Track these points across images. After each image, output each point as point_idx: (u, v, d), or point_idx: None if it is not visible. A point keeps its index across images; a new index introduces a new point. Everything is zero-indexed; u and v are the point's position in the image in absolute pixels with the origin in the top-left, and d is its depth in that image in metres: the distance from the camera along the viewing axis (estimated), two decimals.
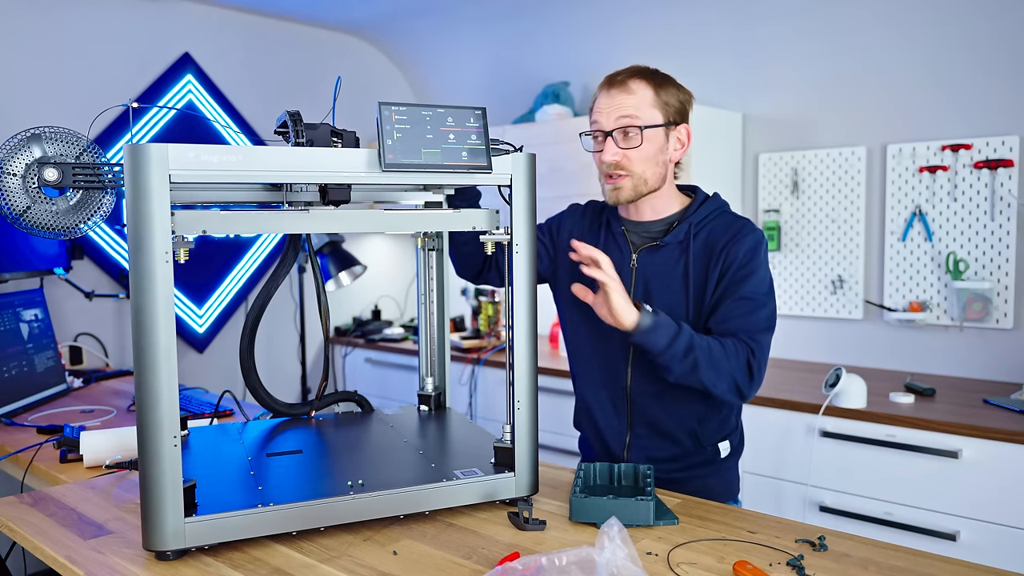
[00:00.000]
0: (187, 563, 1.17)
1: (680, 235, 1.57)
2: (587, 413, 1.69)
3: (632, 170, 1.53)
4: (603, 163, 1.54)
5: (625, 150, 1.52)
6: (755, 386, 1.49)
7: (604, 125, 1.53)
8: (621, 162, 1.52)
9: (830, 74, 2.94)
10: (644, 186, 1.55)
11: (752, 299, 1.50)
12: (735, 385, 1.47)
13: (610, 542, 0.99)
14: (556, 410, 3.00)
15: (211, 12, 3.52)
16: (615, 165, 1.53)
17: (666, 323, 1.43)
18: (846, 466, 2.37)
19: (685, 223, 1.57)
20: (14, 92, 2.95)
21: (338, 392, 1.76)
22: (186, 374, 3.42)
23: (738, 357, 1.46)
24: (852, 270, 2.95)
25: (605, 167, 1.54)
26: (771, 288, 1.54)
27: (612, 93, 1.53)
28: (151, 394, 1.13)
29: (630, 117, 1.51)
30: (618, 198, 1.56)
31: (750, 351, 1.47)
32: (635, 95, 1.52)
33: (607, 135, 1.53)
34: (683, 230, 1.57)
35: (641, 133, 1.51)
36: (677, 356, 1.43)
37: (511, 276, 1.35)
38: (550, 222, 1.77)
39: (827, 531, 1.27)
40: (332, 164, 1.22)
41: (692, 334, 1.44)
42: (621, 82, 1.53)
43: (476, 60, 3.94)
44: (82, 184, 1.28)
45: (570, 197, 3.14)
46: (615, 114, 1.52)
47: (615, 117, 1.52)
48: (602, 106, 1.54)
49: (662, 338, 1.42)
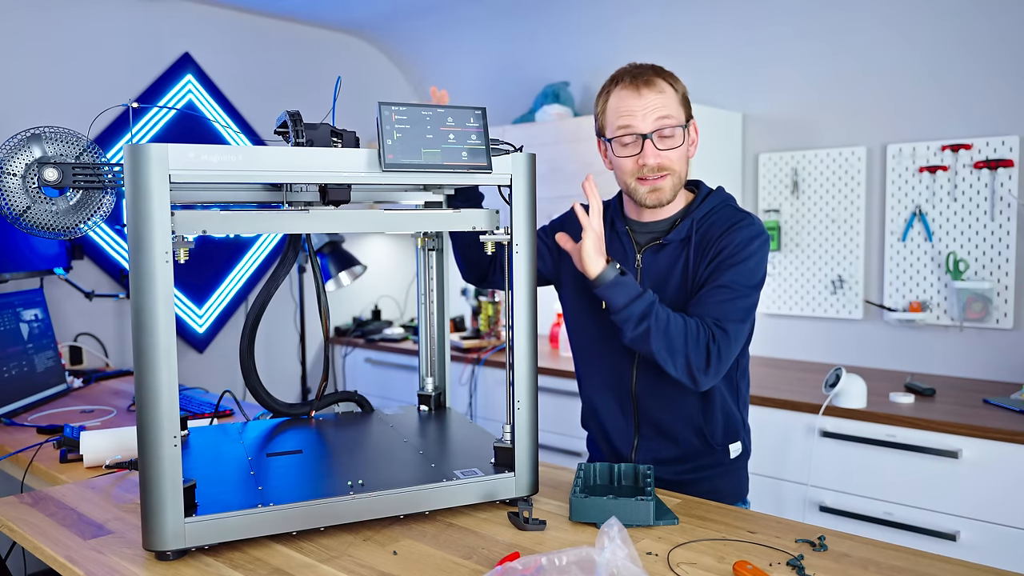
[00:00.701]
0: (187, 563, 1.17)
1: (683, 232, 1.55)
2: (594, 415, 1.69)
3: (673, 169, 1.51)
4: (643, 166, 1.50)
5: (665, 151, 1.49)
6: (712, 374, 1.44)
7: (640, 128, 1.49)
8: (663, 163, 1.50)
9: (830, 74, 2.94)
10: (679, 184, 1.54)
11: (732, 288, 1.46)
12: (687, 366, 1.43)
13: (610, 542, 0.99)
14: (556, 410, 3.00)
15: (211, 12, 3.52)
16: (659, 167, 1.50)
17: (630, 284, 1.43)
18: (846, 466, 2.37)
19: (687, 220, 1.55)
20: (14, 92, 2.95)
21: (338, 392, 1.76)
22: (186, 374, 3.42)
23: (698, 340, 1.42)
24: (852, 270, 2.95)
25: (646, 170, 1.50)
26: (759, 283, 1.50)
27: (643, 93, 1.49)
28: (151, 394, 1.13)
29: (667, 117, 1.49)
30: (660, 199, 1.53)
31: (712, 336, 1.43)
32: (664, 93, 1.50)
33: (645, 138, 1.49)
34: (685, 227, 1.55)
35: (684, 131, 1.51)
36: (631, 318, 1.42)
37: (511, 276, 1.35)
38: (554, 223, 1.75)
39: (827, 531, 1.27)
40: (332, 164, 1.22)
41: (654, 303, 1.42)
42: (649, 81, 1.50)
43: (476, 60, 3.94)
44: (82, 184, 1.28)
45: (570, 197, 3.16)
46: (652, 115, 1.48)
47: (653, 118, 1.48)
48: (633, 107, 1.49)
49: (620, 296, 1.42)
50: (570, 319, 1.72)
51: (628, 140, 1.51)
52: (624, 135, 1.51)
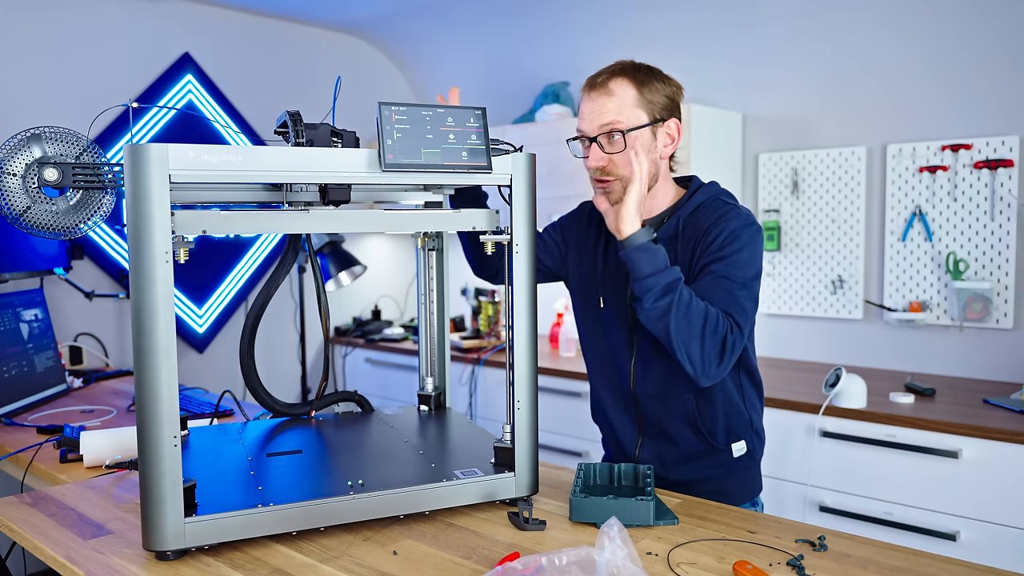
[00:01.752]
0: (187, 563, 1.17)
1: (671, 229, 1.53)
2: (602, 411, 1.69)
3: (619, 174, 1.49)
4: (588, 169, 1.52)
5: (610, 155, 1.48)
6: (722, 368, 1.39)
7: (587, 131, 1.50)
8: (607, 167, 1.49)
9: (830, 74, 2.94)
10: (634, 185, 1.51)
11: (731, 279, 1.41)
12: (701, 354, 1.36)
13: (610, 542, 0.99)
14: (556, 410, 3.00)
15: (211, 12, 3.52)
16: (601, 171, 1.50)
17: (660, 254, 1.38)
18: (846, 466, 2.37)
19: (675, 217, 1.54)
20: (14, 92, 2.95)
21: (338, 392, 1.76)
22: (186, 374, 3.43)
23: (716, 329, 1.36)
24: (852, 270, 2.95)
25: (591, 173, 1.52)
26: (757, 274, 1.46)
27: (593, 97, 1.49)
28: (151, 394, 1.13)
29: (612, 122, 1.47)
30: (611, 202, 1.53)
31: (730, 328, 1.38)
32: (616, 97, 1.48)
33: (592, 140, 1.49)
34: (673, 224, 1.53)
35: (624, 137, 1.47)
36: (654, 289, 1.35)
37: (511, 276, 1.35)
38: (562, 220, 1.75)
39: (827, 531, 1.27)
40: (332, 164, 1.22)
41: (680, 280, 1.36)
42: (601, 84, 1.49)
43: (476, 60, 3.94)
44: (82, 184, 1.28)
45: (570, 197, 3.16)
46: (597, 120, 1.48)
47: (598, 124, 1.48)
48: (584, 111, 1.50)
49: (647, 264, 1.37)
50: (579, 316, 1.71)
51: (584, 142, 1.53)
52: (578, 137, 1.53)
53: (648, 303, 1.36)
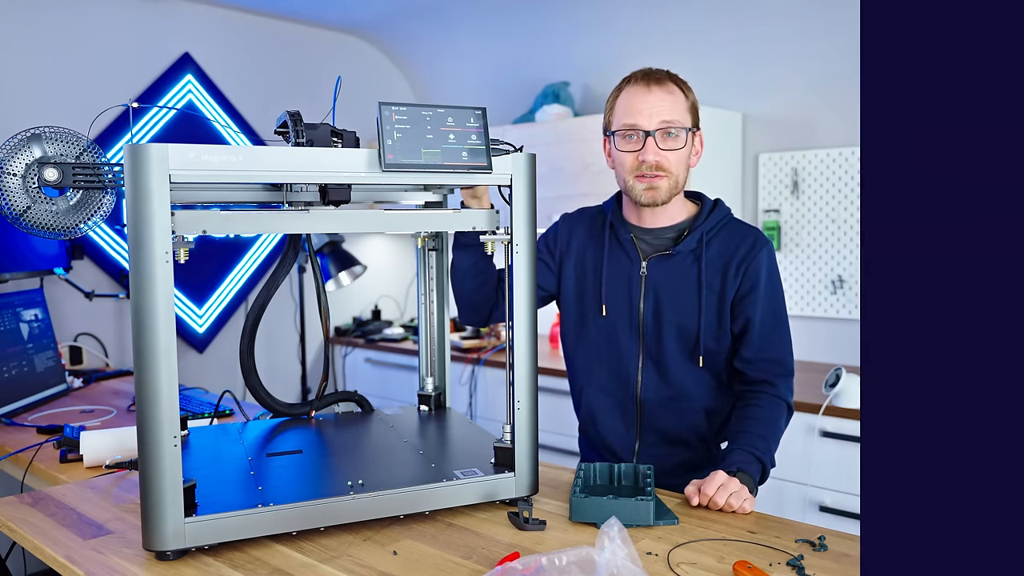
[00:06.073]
0: (187, 563, 1.17)
1: (692, 244, 1.56)
2: (592, 422, 1.68)
3: (671, 171, 1.51)
4: (642, 162, 1.50)
5: (666, 151, 1.50)
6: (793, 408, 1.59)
7: (644, 124, 1.50)
8: (662, 162, 1.50)
9: (830, 74, 2.94)
10: (676, 188, 1.54)
11: (776, 315, 1.57)
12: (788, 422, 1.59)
13: (610, 542, 0.99)
14: (556, 410, 3.00)
15: (211, 12, 3.52)
16: (656, 165, 1.50)
17: (753, 464, 1.46)
18: (846, 466, 2.37)
19: (696, 232, 1.56)
20: (14, 92, 2.95)
21: (338, 392, 1.76)
22: (186, 374, 3.42)
23: (778, 412, 1.54)
24: (852, 270, 2.95)
25: (645, 167, 1.51)
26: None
27: (653, 90, 1.50)
28: (151, 394, 1.13)
29: (673, 120, 1.50)
30: (655, 198, 1.53)
31: (781, 395, 1.55)
32: (674, 96, 1.51)
33: (648, 134, 1.50)
34: (695, 239, 1.56)
35: (683, 135, 1.51)
36: (771, 460, 1.50)
37: (511, 276, 1.35)
38: (545, 237, 1.72)
39: (827, 531, 1.27)
40: (332, 164, 1.22)
41: (755, 444, 1.48)
42: (661, 80, 1.51)
43: (476, 60, 3.94)
44: (82, 184, 1.28)
45: (570, 197, 3.16)
46: (659, 115, 1.49)
47: (659, 119, 1.49)
48: (641, 104, 1.50)
49: (759, 472, 1.47)
50: (571, 328, 1.69)
51: (632, 135, 1.52)
52: (629, 130, 1.52)
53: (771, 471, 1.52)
